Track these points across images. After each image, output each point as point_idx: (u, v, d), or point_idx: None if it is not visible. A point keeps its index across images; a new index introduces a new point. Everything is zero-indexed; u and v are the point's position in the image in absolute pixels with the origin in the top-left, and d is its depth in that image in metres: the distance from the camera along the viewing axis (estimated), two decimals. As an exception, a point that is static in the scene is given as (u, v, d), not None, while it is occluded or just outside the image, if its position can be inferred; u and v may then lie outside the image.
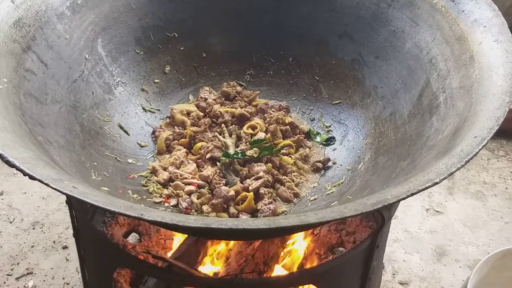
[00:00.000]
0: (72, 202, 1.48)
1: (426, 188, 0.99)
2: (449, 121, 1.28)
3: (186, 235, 1.60)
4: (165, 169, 1.50)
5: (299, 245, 1.73)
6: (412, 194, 0.97)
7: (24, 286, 2.08)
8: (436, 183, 0.99)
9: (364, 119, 1.62)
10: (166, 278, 1.45)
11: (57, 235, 2.30)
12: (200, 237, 1.52)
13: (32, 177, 0.95)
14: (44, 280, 2.10)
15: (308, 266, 1.62)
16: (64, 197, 2.43)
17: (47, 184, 0.94)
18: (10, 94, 1.21)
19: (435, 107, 1.37)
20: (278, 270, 1.65)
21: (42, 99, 1.33)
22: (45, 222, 2.36)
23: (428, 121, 1.37)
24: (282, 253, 1.70)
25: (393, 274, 2.18)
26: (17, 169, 0.96)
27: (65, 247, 2.24)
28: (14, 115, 1.17)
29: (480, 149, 1.07)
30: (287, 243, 1.71)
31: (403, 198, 0.97)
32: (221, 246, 1.67)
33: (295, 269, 1.63)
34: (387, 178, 1.30)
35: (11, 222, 2.35)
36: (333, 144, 1.63)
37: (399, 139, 1.44)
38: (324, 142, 1.64)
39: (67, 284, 2.09)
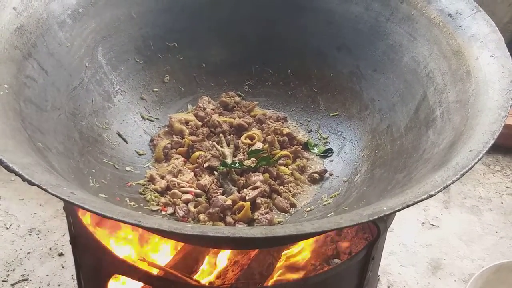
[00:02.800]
0: (69, 209, 1.48)
1: (422, 200, 0.99)
2: (445, 135, 1.29)
3: (182, 244, 1.60)
4: (162, 177, 1.51)
5: (294, 256, 1.73)
6: (408, 206, 0.98)
7: (19, 293, 2.08)
8: (432, 196, 1.00)
9: (361, 131, 1.63)
10: (162, 286, 1.45)
11: (54, 242, 2.30)
12: (197, 246, 1.52)
13: (31, 183, 0.96)
14: (39, 287, 2.10)
15: (303, 276, 1.62)
16: (61, 204, 2.43)
17: (45, 190, 0.95)
18: (11, 100, 1.22)
19: (432, 121, 1.38)
20: (273, 280, 1.65)
21: (42, 106, 1.34)
22: (42, 229, 2.36)
23: (425, 134, 1.38)
24: (277, 264, 1.70)
25: (388, 287, 2.18)
26: (16, 174, 0.97)
27: (61, 254, 2.24)
28: (14, 121, 1.18)
29: (476, 163, 1.08)
30: (282, 253, 1.71)
31: (399, 210, 0.98)
32: (217, 256, 1.68)
33: (290, 279, 1.63)
34: (383, 190, 1.31)
35: (7, 228, 2.35)
36: (330, 155, 1.64)
37: (395, 152, 1.45)
38: (321, 154, 1.65)
39: (62, 291, 2.10)
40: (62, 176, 1.14)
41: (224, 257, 1.66)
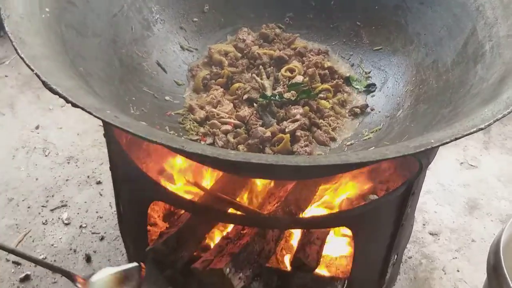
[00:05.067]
0: (110, 135, 1.49)
1: (471, 133, 0.97)
2: (494, 70, 1.25)
3: (219, 175, 1.61)
4: (202, 108, 1.50)
5: (332, 191, 1.73)
6: (456, 139, 0.96)
7: (59, 218, 2.12)
8: (481, 129, 0.98)
9: (405, 66, 1.59)
10: (201, 213, 1.46)
11: (91, 171, 2.33)
12: (236, 174, 1.52)
13: (75, 105, 0.95)
14: (78, 213, 2.14)
15: (342, 209, 1.62)
16: (98, 134, 2.46)
17: (89, 112, 0.94)
18: (52, 24, 1.22)
19: (480, 56, 1.34)
20: (310, 214, 1.65)
21: (83, 32, 1.33)
22: (80, 157, 2.39)
23: (472, 70, 1.34)
24: (313, 198, 1.70)
25: (424, 225, 2.18)
26: (60, 97, 0.96)
27: (99, 182, 2.28)
28: (56, 45, 1.18)
29: (528, 97, 1.04)
30: (319, 187, 1.70)
31: (447, 142, 0.95)
32: (254, 188, 1.68)
33: (328, 212, 1.63)
34: (427, 125, 1.29)
35: (46, 156, 2.39)
36: (373, 91, 1.60)
37: (441, 87, 1.41)
38: (364, 89, 1.61)
39: (100, 217, 2.13)
40: (104, 101, 1.14)
41: (261, 189, 1.66)
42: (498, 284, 1.39)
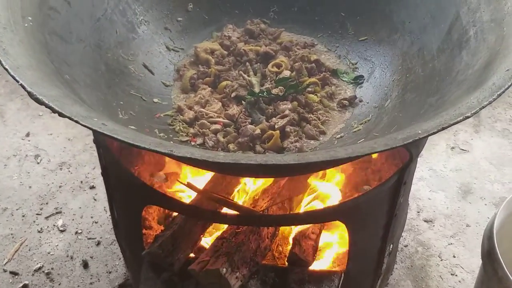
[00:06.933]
0: (100, 141, 1.49)
1: (457, 122, 0.97)
2: (479, 55, 1.25)
3: (211, 175, 1.61)
4: (190, 108, 1.50)
5: (324, 184, 1.73)
6: (443, 129, 0.96)
7: (54, 225, 2.12)
8: (468, 117, 0.98)
9: (391, 56, 1.59)
10: (194, 215, 1.46)
11: (84, 176, 2.32)
12: (227, 174, 1.52)
13: (61, 115, 0.95)
14: (73, 219, 2.14)
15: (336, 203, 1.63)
16: (89, 138, 2.45)
17: (76, 121, 0.94)
18: (36, 32, 1.21)
19: (465, 42, 1.34)
20: (305, 208, 1.65)
21: (67, 38, 1.33)
22: (72, 163, 2.38)
23: (458, 56, 1.34)
24: (307, 192, 1.70)
25: (418, 212, 2.18)
26: (46, 107, 0.96)
27: (92, 187, 2.27)
28: (40, 54, 1.17)
29: (513, 83, 1.05)
30: (312, 182, 1.71)
31: (434, 133, 0.96)
32: (247, 185, 1.68)
33: (322, 206, 1.63)
34: (415, 114, 1.29)
35: (38, 163, 2.38)
36: (361, 82, 1.60)
37: (427, 75, 1.42)
38: (352, 81, 1.61)
39: (96, 222, 2.13)
40: (91, 108, 1.13)
41: (253, 186, 1.66)
42: (493, 269, 1.39)
